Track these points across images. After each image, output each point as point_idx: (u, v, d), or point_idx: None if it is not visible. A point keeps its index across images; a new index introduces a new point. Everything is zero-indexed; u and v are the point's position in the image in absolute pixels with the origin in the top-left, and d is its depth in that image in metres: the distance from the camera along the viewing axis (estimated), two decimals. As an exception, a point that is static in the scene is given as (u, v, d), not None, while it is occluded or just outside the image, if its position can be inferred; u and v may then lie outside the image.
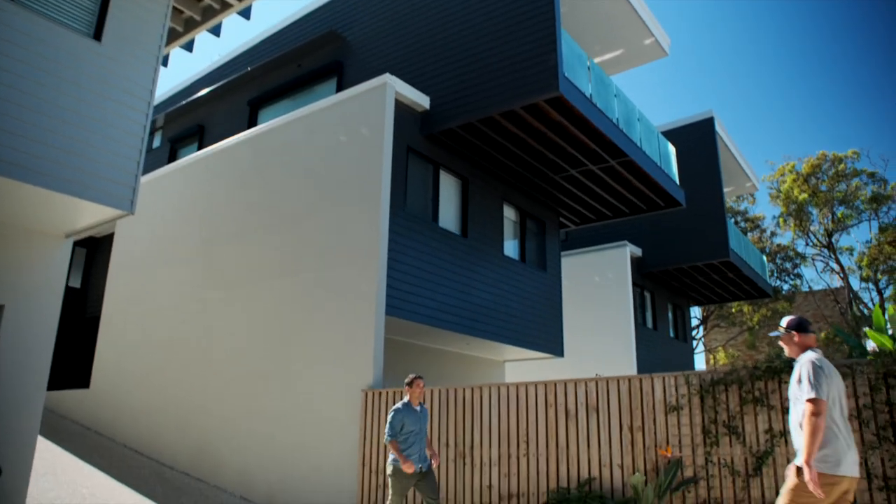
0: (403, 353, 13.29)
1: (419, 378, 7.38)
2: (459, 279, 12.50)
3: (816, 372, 4.48)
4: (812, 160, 31.73)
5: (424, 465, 7.07)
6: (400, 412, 7.13)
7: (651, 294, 21.51)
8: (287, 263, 11.68)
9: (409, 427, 7.05)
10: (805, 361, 4.60)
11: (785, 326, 4.89)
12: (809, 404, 4.40)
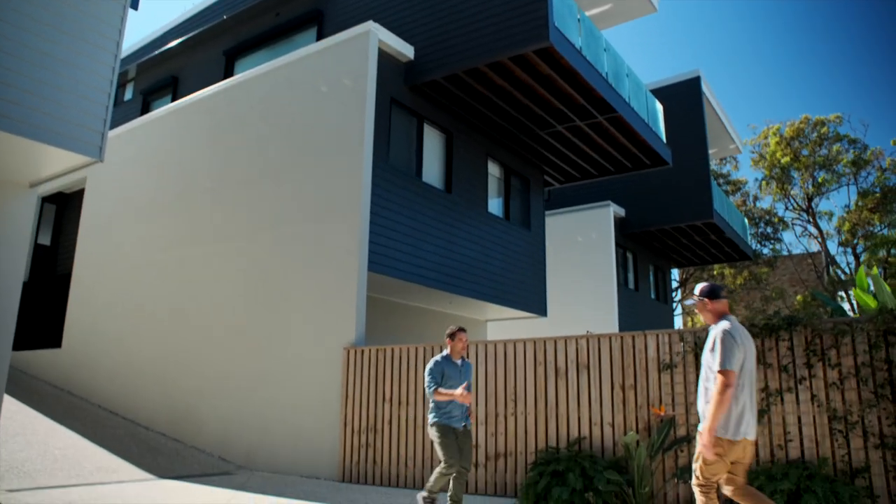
0: (384, 311, 13.01)
1: (462, 331, 6.58)
2: (443, 236, 12.20)
3: (728, 342, 4.54)
4: (796, 123, 31.62)
5: (467, 422, 6.37)
6: (439, 363, 6.39)
7: (633, 255, 21.39)
8: (266, 218, 11.28)
9: (450, 381, 6.30)
10: (718, 331, 4.64)
11: (698, 294, 4.93)
12: (720, 376, 4.47)
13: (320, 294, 10.24)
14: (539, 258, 15.38)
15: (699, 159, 19.65)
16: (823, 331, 6.58)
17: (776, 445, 6.58)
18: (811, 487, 5.87)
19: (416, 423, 8.79)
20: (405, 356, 9.10)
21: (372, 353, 9.37)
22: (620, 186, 20.36)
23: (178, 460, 9.99)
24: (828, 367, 6.51)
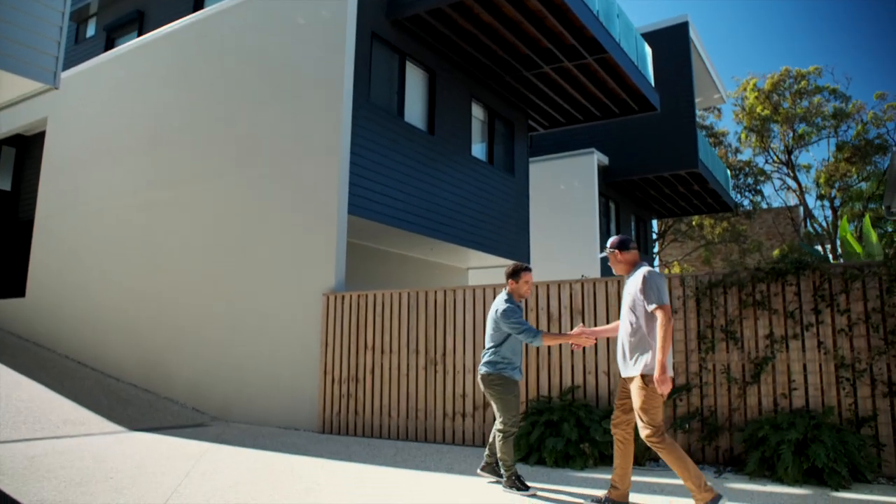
0: (362, 257, 12.53)
1: (528, 270, 5.70)
2: (426, 179, 11.69)
3: (659, 280, 4.59)
4: (775, 76, 31.24)
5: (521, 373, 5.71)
6: (516, 309, 5.54)
7: (616, 205, 21.07)
8: (241, 159, 10.66)
9: None
10: (645, 271, 4.66)
11: (609, 246, 4.95)
12: (661, 311, 4.45)
13: (298, 238, 9.73)
14: (522, 205, 14.96)
15: (685, 107, 19.23)
16: (833, 275, 6.25)
17: (780, 394, 6.30)
18: (819, 437, 5.60)
19: (399, 371, 8.42)
20: (388, 302, 8.67)
21: (353, 300, 8.94)
22: (604, 134, 19.92)
23: (150, 412, 9.55)
24: (836, 314, 6.21)
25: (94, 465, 6.06)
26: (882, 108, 29.89)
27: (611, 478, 4.92)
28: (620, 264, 4.94)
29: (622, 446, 4.85)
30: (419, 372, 8.30)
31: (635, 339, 4.67)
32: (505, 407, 5.45)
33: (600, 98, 14.40)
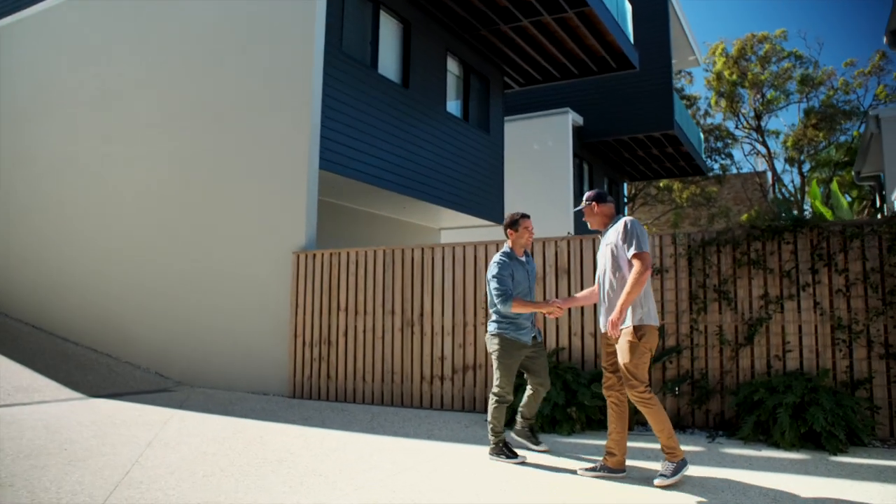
0: (333, 216, 12.05)
1: (526, 217, 5.29)
2: (400, 134, 11.19)
3: (640, 228, 4.47)
4: (741, 41, 31.08)
5: (537, 333, 5.27)
6: (507, 264, 5.13)
7: (589, 166, 20.77)
8: (205, 111, 10.03)
9: (518, 286, 5.13)
10: (626, 221, 4.50)
11: (585, 199, 4.78)
12: (639, 259, 4.32)
13: (267, 194, 9.21)
14: (497, 163, 14.55)
15: (661, 67, 18.88)
16: (832, 233, 6.00)
17: (773, 356, 6.08)
18: (816, 400, 5.39)
19: (373, 333, 8.04)
20: (362, 261, 8.25)
21: (324, 258, 8.50)
22: (579, 94, 19.53)
23: (111, 377, 9.06)
24: (834, 273, 5.97)
25: (47, 436, 5.60)
26: (852, 75, 29.95)
27: (606, 444, 4.64)
28: (597, 217, 4.74)
29: (618, 409, 4.61)
30: (395, 334, 7.93)
31: (619, 289, 4.43)
32: (502, 370, 5.10)
33: (578, 55, 13.96)
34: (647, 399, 4.31)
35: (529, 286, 5.25)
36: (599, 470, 4.58)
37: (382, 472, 4.68)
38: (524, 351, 5.14)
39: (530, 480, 4.52)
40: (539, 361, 5.24)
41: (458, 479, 4.55)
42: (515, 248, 5.28)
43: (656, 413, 4.34)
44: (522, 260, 5.28)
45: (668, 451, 4.37)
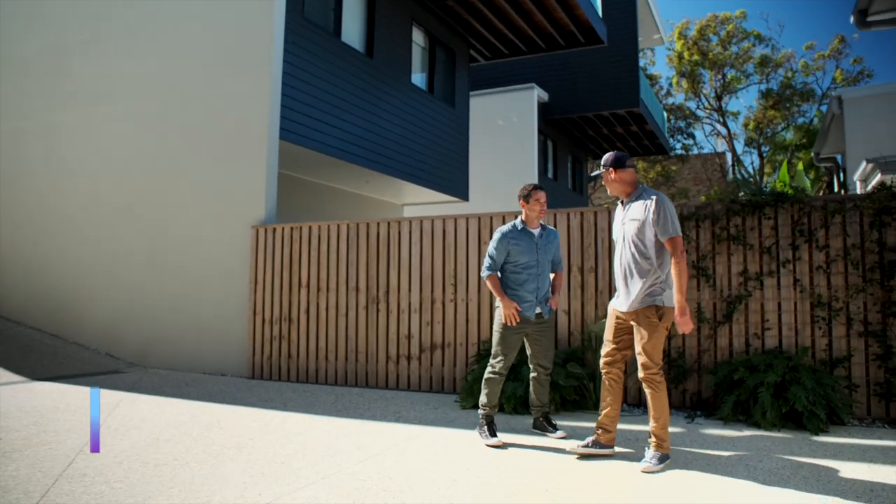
0: (294, 190, 11.58)
1: (539, 189, 5.06)
2: (363, 105, 10.77)
3: (672, 208, 4.24)
4: (702, 21, 31.14)
5: (545, 309, 5.01)
6: (505, 236, 5.02)
7: (553, 143, 20.55)
8: (157, 76, 9.46)
9: (520, 258, 4.98)
10: (657, 198, 4.25)
11: (602, 164, 4.48)
12: (676, 243, 4.14)
13: (223, 165, 8.74)
14: (462, 138, 14.21)
15: (628, 44, 18.69)
16: (814, 209, 5.83)
17: (752, 334, 5.92)
18: (798, 379, 5.23)
19: (336, 311, 7.69)
20: (324, 235, 7.87)
21: (285, 233, 8.09)
22: (544, 70, 19.25)
23: (57, 359, 8.54)
24: (815, 249, 5.81)
25: (-19, 420, 5.16)
26: (812, 58, 30.26)
27: (599, 420, 4.47)
28: (616, 184, 4.42)
29: (616, 385, 4.45)
30: (359, 311, 7.59)
31: (643, 269, 4.22)
32: (498, 342, 5.00)
33: (546, 28, 13.66)
34: (658, 382, 4.20)
35: (539, 259, 5.02)
36: (592, 446, 4.43)
37: (349, 459, 4.37)
38: (525, 327, 4.96)
39: (509, 464, 4.26)
40: (541, 341, 5.04)
41: (430, 464, 4.26)
42: (528, 220, 5.10)
43: (661, 398, 4.20)
44: (534, 232, 5.07)
45: (658, 442, 4.20)
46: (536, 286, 4.98)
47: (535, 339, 5.03)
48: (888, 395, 5.52)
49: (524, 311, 4.93)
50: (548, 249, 5.09)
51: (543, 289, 5.03)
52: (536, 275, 4.99)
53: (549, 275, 5.11)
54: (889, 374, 5.51)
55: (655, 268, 4.21)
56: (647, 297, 4.22)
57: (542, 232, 5.10)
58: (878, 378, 5.58)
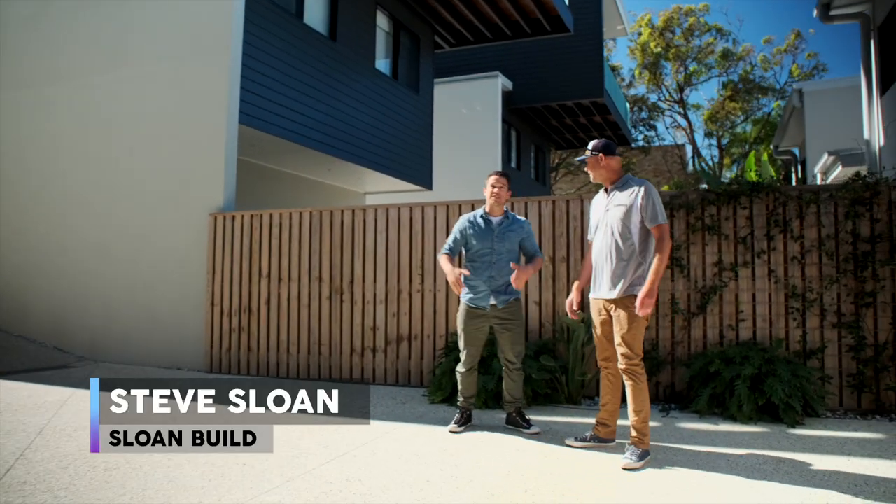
0: (253, 178, 11.20)
1: (499, 174, 4.88)
2: (326, 90, 10.44)
3: (658, 196, 4.16)
4: (667, 13, 31.33)
5: (499, 300, 4.77)
6: (464, 222, 4.89)
7: (517, 133, 20.40)
8: (110, 57, 9.00)
9: (475, 243, 4.80)
10: (647, 187, 4.16)
11: (591, 149, 4.34)
12: (663, 230, 4.06)
13: (180, 149, 8.35)
14: (426, 126, 13.96)
15: (593, 33, 18.60)
16: (789, 198, 5.74)
17: (727, 326, 5.82)
18: (774, 371, 5.14)
19: (299, 301, 7.40)
20: (286, 223, 7.57)
21: (244, 221, 7.76)
22: (508, 58, 19.05)
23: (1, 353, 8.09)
24: (790, 240, 5.73)
25: (-87, 420, 4.76)
26: (770, 52, 30.66)
27: (598, 416, 4.45)
28: (603, 171, 4.29)
29: (615, 380, 4.35)
30: (322, 302, 7.31)
31: (629, 257, 4.13)
32: (460, 336, 4.91)
33: (512, 15, 13.47)
34: (639, 374, 4.09)
35: (496, 248, 4.80)
36: (591, 440, 4.41)
37: (315, 459, 4.13)
38: (486, 319, 4.79)
39: (484, 463, 4.06)
40: (505, 334, 4.82)
41: (401, 463, 4.04)
42: (488, 207, 4.91)
43: (643, 391, 4.09)
44: (493, 220, 4.87)
45: (639, 437, 4.08)
46: (490, 275, 4.77)
47: (499, 331, 4.83)
48: (860, 387, 5.47)
49: (478, 301, 4.78)
50: (508, 237, 4.83)
51: (499, 279, 4.79)
52: (490, 263, 4.78)
53: (508, 266, 4.81)
54: (862, 365, 5.46)
55: (637, 255, 4.12)
56: (629, 287, 4.12)
57: (503, 220, 4.87)
58: (850, 369, 5.53)
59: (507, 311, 4.81)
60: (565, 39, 16.09)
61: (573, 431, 4.78)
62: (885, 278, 5.49)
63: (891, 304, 5.48)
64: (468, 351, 4.88)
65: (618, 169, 4.31)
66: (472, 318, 4.80)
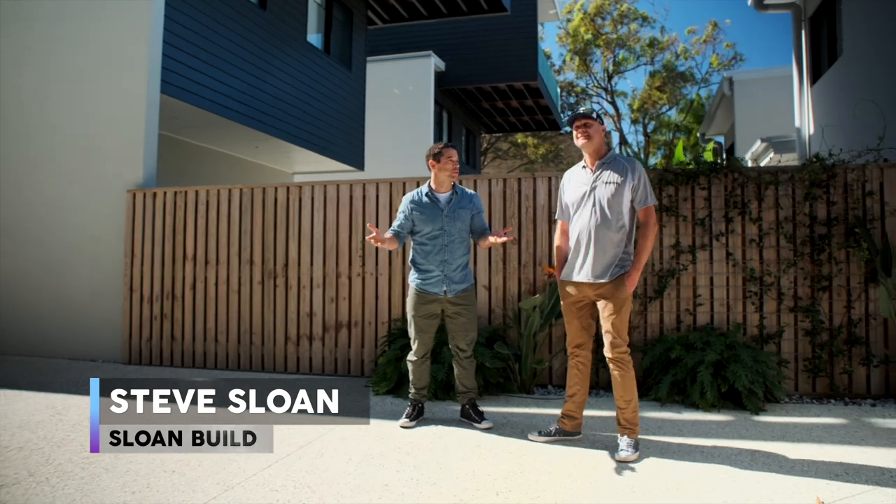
0: (175, 154, 10.44)
1: (449, 147, 4.43)
2: (255, 61, 9.79)
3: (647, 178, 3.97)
4: (599, 0, 31.53)
5: (452, 290, 4.37)
6: (408, 202, 4.46)
7: (449, 115, 20.03)
8: (11, 18, 8.10)
9: (424, 227, 4.38)
10: (638, 164, 3.95)
11: (583, 113, 3.96)
12: (649, 214, 3.88)
13: (95, 119, 7.60)
14: (359, 104, 13.42)
15: (527, 15, 18.35)
16: (749, 178, 5.58)
17: (684, 310, 5.63)
18: (737, 357, 4.97)
19: (228, 286, 6.83)
20: (214, 201, 6.96)
21: (167, 198, 7.11)
22: (441, 38, 18.60)
23: None
24: (748, 222, 5.57)
25: None
26: (691, 42, 31.29)
27: (565, 407, 4.13)
28: (596, 140, 3.92)
29: (585, 369, 4.07)
30: (254, 287, 6.77)
31: (614, 237, 3.85)
32: (409, 323, 4.54)
33: (449, -10, 13.06)
34: (628, 361, 3.86)
35: (446, 229, 4.38)
36: (556, 434, 4.10)
37: (256, 463, 3.67)
38: (437, 304, 4.41)
39: (445, 463, 3.69)
40: (457, 320, 4.44)
41: (353, 465, 3.64)
42: (437, 183, 4.46)
43: (632, 378, 3.86)
44: (441, 198, 4.44)
45: (630, 427, 3.85)
46: (443, 259, 4.37)
47: (451, 317, 4.44)
48: (815, 371, 5.38)
49: (429, 286, 4.39)
50: (458, 216, 4.42)
51: (453, 263, 4.40)
52: (443, 245, 4.37)
53: (463, 247, 4.46)
54: (819, 349, 5.37)
55: (625, 235, 3.87)
56: (617, 269, 3.85)
57: (451, 196, 4.45)
58: (806, 353, 5.44)
59: (461, 297, 4.44)
60: (500, 20, 15.82)
61: (533, 423, 4.49)
62: (842, 262, 5.40)
63: (846, 287, 5.41)
64: (420, 339, 4.49)
65: (604, 143, 4.02)
66: (424, 304, 4.41)
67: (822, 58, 11.39)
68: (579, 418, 4.14)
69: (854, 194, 5.43)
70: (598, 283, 3.84)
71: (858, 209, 5.40)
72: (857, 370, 5.35)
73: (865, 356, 5.34)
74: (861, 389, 5.37)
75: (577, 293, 3.96)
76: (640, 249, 3.85)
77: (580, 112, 3.98)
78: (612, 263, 3.83)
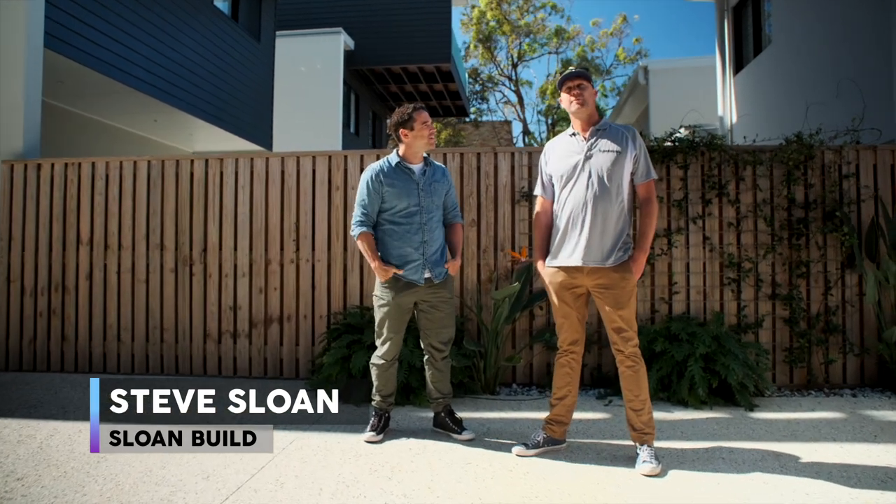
0: (61, 126, 9.11)
1: (419, 109, 3.73)
2: (155, 20, 8.67)
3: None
4: (504, -15, 31.30)
5: (436, 274, 3.73)
6: (377, 176, 3.70)
7: (357, 96, 19.14)
8: None
9: (398, 202, 3.68)
10: (640, 136, 3.50)
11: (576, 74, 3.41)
12: (649, 189, 3.43)
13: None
14: (267, 79, 12.41)
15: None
16: (727, 158, 5.18)
17: (659, 298, 5.19)
18: (725, 349, 4.56)
19: (133, 275, 5.81)
20: (115, 175, 5.90)
21: (56, 171, 5.98)
22: (351, 15, 17.70)
23: None
24: (725, 204, 5.19)
25: None
26: (598, 35, 31.65)
27: (554, 411, 3.57)
28: (590, 104, 3.40)
29: (576, 367, 3.54)
30: (165, 276, 5.78)
31: (614, 213, 3.32)
32: (377, 318, 3.82)
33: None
34: (640, 356, 3.34)
35: (424, 204, 3.70)
36: (544, 444, 3.54)
37: (185, 493, 2.86)
38: (413, 294, 3.72)
39: (437, 486, 3.02)
40: (433, 314, 3.77)
41: (326, 498, 2.90)
42: (408, 154, 3.75)
43: (644, 377, 3.36)
44: (414, 169, 3.74)
45: (648, 433, 3.36)
46: (422, 240, 3.70)
47: (426, 310, 3.78)
48: (794, 361, 5.07)
49: (409, 275, 3.68)
50: (435, 190, 3.78)
51: (433, 244, 3.74)
52: (421, 224, 3.70)
53: (440, 225, 3.84)
54: (799, 337, 5.06)
55: (625, 211, 3.34)
56: (620, 252, 3.31)
57: (424, 168, 3.79)
58: (784, 343, 5.12)
59: (442, 286, 3.78)
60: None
61: (516, 431, 3.92)
62: (821, 247, 5.11)
63: (823, 273, 5.13)
64: (392, 339, 3.78)
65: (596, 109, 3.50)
66: (397, 294, 3.69)
67: (744, 48, 11.43)
68: (568, 424, 3.61)
69: (832, 177, 5.16)
70: (598, 268, 3.30)
71: (836, 192, 5.13)
72: (835, 360, 5.08)
73: (842, 345, 5.08)
74: (837, 379, 5.12)
75: (569, 280, 3.37)
76: (645, 229, 3.38)
77: (574, 71, 3.40)
78: (615, 246, 3.29)
